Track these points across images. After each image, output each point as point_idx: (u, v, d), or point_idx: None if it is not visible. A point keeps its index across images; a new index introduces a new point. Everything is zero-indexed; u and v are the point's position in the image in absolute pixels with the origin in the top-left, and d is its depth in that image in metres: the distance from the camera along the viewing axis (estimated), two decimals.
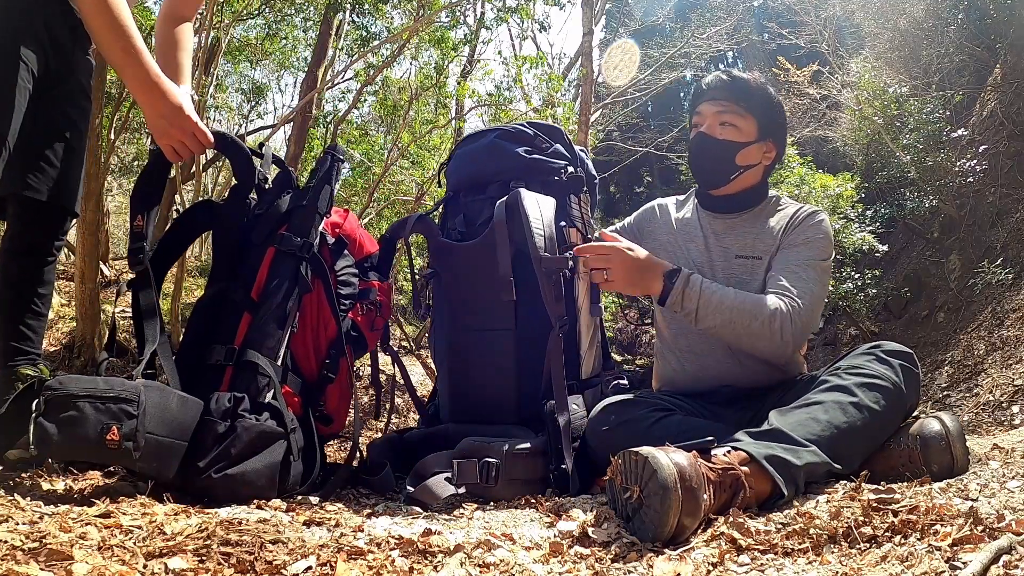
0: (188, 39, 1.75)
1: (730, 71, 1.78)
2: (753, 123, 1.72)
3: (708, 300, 1.55)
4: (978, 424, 3.40)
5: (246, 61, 8.77)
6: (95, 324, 3.59)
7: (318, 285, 1.67)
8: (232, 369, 1.48)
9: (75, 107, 1.64)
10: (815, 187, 5.58)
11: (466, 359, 1.81)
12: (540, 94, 7.56)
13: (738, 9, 11.63)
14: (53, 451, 1.22)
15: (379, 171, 6.28)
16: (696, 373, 1.75)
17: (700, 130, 1.74)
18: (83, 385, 1.24)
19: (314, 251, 1.63)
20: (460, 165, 1.94)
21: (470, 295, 1.80)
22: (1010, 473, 1.23)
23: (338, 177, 1.76)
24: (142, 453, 1.24)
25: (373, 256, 1.87)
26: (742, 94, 1.72)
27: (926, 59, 6.07)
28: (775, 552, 0.99)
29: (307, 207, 1.66)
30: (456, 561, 0.97)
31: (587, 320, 1.78)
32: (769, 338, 1.53)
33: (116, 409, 1.23)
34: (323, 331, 1.69)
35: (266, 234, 1.62)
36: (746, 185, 1.75)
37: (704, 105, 1.75)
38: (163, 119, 1.49)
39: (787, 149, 6.86)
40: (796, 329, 1.54)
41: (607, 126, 11.55)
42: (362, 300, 1.80)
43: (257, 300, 1.56)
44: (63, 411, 1.20)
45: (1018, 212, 4.69)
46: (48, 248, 1.67)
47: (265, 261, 1.59)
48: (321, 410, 1.68)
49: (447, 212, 1.93)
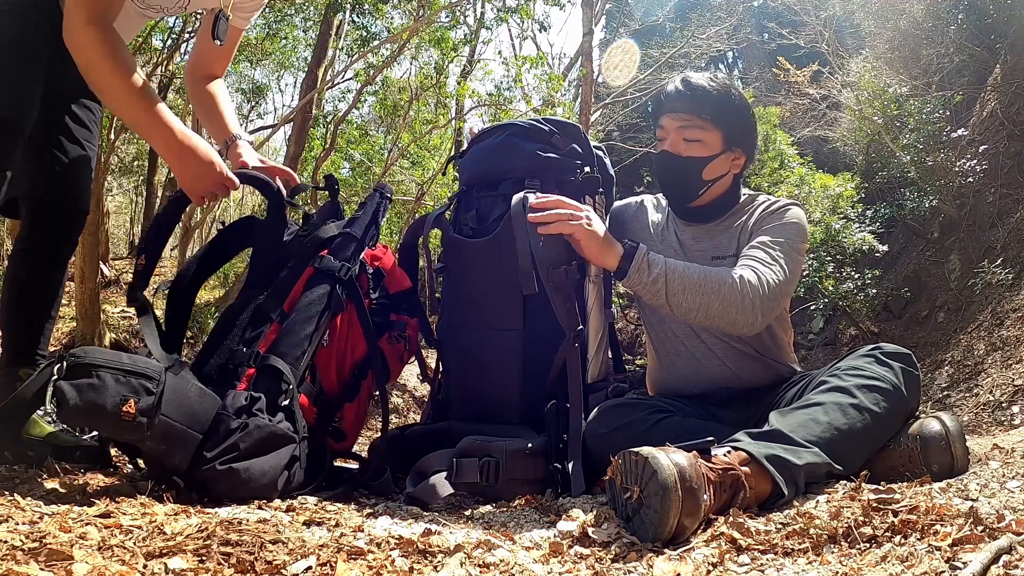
0: (222, 91, 1.79)
1: (689, 79, 1.68)
2: (718, 135, 1.66)
3: (674, 270, 1.52)
4: (978, 424, 3.40)
5: (246, 61, 8.77)
6: (95, 324, 3.59)
7: (351, 308, 1.68)
8: (253, 371, 1.49)
9: (83, 107, 1.65)
10: (815, 187, 5.58)
11: (472, 357, 1.81)
12: (540, 94, 7.57)
13: (738, 9, 11.62)
14: (68, 415, 1.22)
15: (379, 171, 6.28)
16: (687, 376, 1.75)
17: (664, 147, 1.69)
18: (106, 356, 1.26)
19: (352, 276, 1.65)
20: (474, 160, 1.92)
21: (478, 293, 1.80)
22: (1010, 473, 1.23)
23: (384, 214, 1.81)
24: (153, 432, 1.24)
25: (408, 291, 1.89)
26: (703, 106, 1.65)
27: (926, 59, 6.07)
28: (775, 552, 0.99)
29: (350, 235, 1.70)
30: (456, 561, 0.97)
31: (596, 324, 1.77)
32: (740, 303, 1.49)
33: (136, 383, 1.24)
34: (350, 352, 1.70)
35: (307, 255, 1.65)
36: (717, 194, 1.72)
37: (666, 119, 1.69)
38: (195, 178, 1.48)
39: (787, 149, 6.86)
40: (764, 296, 1.50)
41: (607, 126, 11.55)
42: (392, 331, 1.82)
43: (288, 312, 1.57)
44: (84, 377, 1.21)
45: (1018, 212, 4.69)
46: (60, 249, 1.68)
47: (302, 279, 1.61)
48: (335, 426, 1.69)
49: (460, 206, 1.91)
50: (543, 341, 1.66)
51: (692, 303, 1.52)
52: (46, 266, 1.67)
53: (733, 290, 1.50)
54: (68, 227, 1.68)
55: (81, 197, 1.67)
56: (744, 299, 1.49)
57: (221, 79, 1.82)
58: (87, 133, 1.66)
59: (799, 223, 1.66)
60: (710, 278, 1.52)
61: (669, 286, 1.52)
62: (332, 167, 6.98)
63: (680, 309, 1.54)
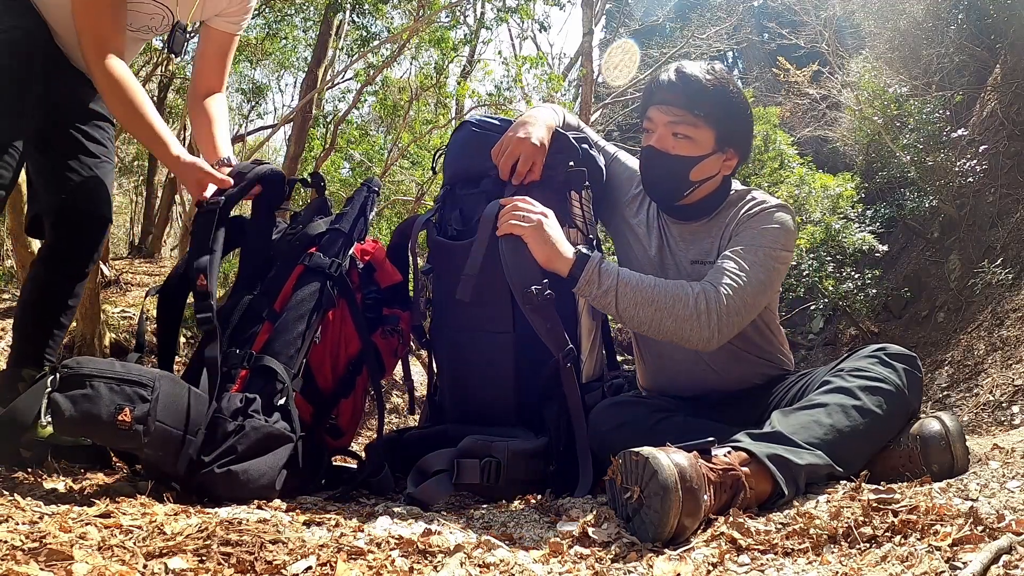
0: (218, 111, 1.81)
1: (683, 70, 1.56)
2: (710, 134, 1.55)
3: (627, 283, 1.45)
4: (978, 424, 3.40)
5: (246, 61, 8.77)
6: (95, 324, 3.59)
7: (343, 304, 1.68)
8: (247, 372, 1.49)
9: (96, 127, 1.71)
10: (815, 187, 5.58)
11: (465, 359, 1.80)
12: (540, 94, 7.57)
13: (738, 9, 11.62)
14: (64, 426, 1.22)
15: (379, 171, 6.28)
16: (673, 378, 1.73)
17: (651, 142, 1.58)
18: (100, 366, 1.26)
19: (342, 272, 1.65)
20: (454, 157, 1.90)
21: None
22: (1010, 473, 1.23)
23: (372, 207, 1.80)
24: (150, 439, 1.24)
25: (399, 285, 1.89)
26: (697, 101, 1.53)
27: (926, 59, 6.07)
28: (775, 552, 0.99)
29: (338, 231, 1.70)
30: (456, 561, 0.97)
31: (587, 324, 1.76)
32: (695, 321, 1.42)
33: (131, 391, 1.24)
34: (344, 348, 1.70)
35: (296, 253, 1.65)
36: (705, 194, 1.62)
37: (655, 110, 1.58)
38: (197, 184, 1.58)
39: (787, 149, 6.83)
40: (725, 312, 1.43)
41: (607, 126, 11.53)
42: (385, 326, 1.81)
43: (279, 311, 1.57)
44: (78, 388, 1.21)
45: (1018, 212, 4.69)
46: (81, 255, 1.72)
47: (292, 277, 1.61)
48: (332, 423, 1.69)
49: (445, 205, 1.89)
50: (536, 343, 1.65)
51: (644, 318, 1.46)
52: (65, 272, 1.70)
53: (687, 308, 1.43)
54: (91, 234, 1.71)
55: (103, 205, 1.71)
56: (699, 317, 1.42)
57: (222, 93, 1.83)
58: (103, 149, 1.72)
59: (781, 227, 1.54)
60: (665, 294, 1.45)
61: (620, 300, 1.45)
62: (332, 167, 6.98)
63: (632, 323, 1.48)
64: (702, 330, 1.43)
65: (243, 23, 1.84)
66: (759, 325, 1.65)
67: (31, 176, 1.72)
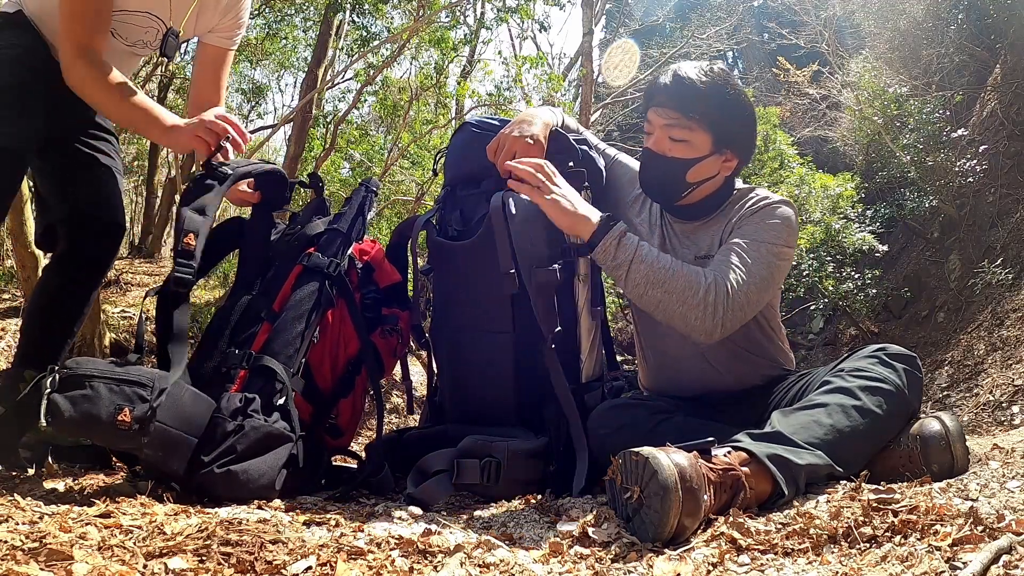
0: None
1: (679, 73, 1.56)
2: (706, 136, 1.55)
3: (643, 256, 1.44)
4: (978, 424, 3.40)
5: (246, 61, 8.77)
6: (95, 324, 3.59)
7: (341, 304, 1.68)
8: (246, 372, 1.49)
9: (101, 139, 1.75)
10: (815, 187, 5.58)
11: (465, 360, 1.80)
12: (540, 94, 7.57)
13: (738, 9, 11.62)
14: (63, 426, 1.22)
15: (379, 171, 6.28)
16: (675, 378, 1.73)
17: (648, 145, 1.60)
18: (99, 367, 1.26)
19: (340, 272, 1.65)
20: (454, 159, 1.91)
21: (467, 295, 1.79)
22: (1010, 473, 1.23)
23: (371, 207, 1.80)
24: (150, 439, 1.24)
25: (397, 285, 1.89)
26: (691, 104, 1.53)
27: (926, 59, 6.08)
28: (775, 552, 0.99)
29: (337, 231, 1.71)
30: (456, 561, 0.97)
31: (587, 323, 1.76)
32: (702, 311, 1.42)
33: (130, 392, 1.24)
34: (343, 348, 1.70)
35: (294, 253, 1.65)
36: (705, 194, 1.63)
37: (653, 113, 1.59)
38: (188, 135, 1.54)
39: (787, 149, 6.83)
40: (731, 307, 1.43)
41: (607, 126, 11.54)
42: (384, 326, 1.81)
43: (278, 311, 1.57)
44: (77, 388, 1.22)
45: (1018, 212, 4.69)
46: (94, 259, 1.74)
47: (290, 277, 1.61)
48: (332, 423, 1.69)
49: (445, 206, 1.89)
50: (535, 343, 1.65)
51: (652, 298, 1.45)
52: (77, 277, 1.72)
53: (696, 296, 1.42)
54: (105, 239, 1.74)
55: (116, 211, 1.74)
56: (706, 308, 1.42)
57: (220, 106, 1.84)
58: (111, 160, 1.75)
59: (783, 223, 1.55)
60: (677, 276, 1.44)
61: (631, 277, 1.45)
62: (332, 167, 6.98)
63: (639, 301, 1.48)
64: (706, 321, 1.43)
65: (236, 38, 1.86)
66: (761, 323, 1.66)
67: (40, 189, 1.74)
